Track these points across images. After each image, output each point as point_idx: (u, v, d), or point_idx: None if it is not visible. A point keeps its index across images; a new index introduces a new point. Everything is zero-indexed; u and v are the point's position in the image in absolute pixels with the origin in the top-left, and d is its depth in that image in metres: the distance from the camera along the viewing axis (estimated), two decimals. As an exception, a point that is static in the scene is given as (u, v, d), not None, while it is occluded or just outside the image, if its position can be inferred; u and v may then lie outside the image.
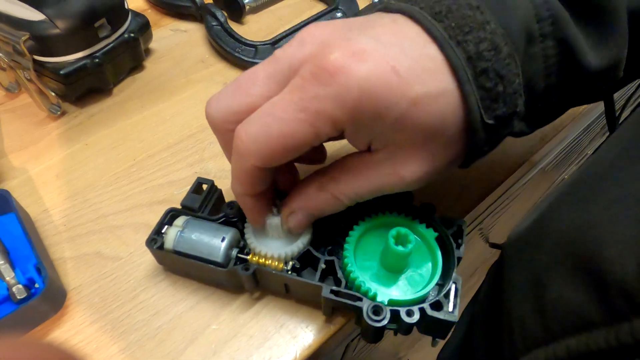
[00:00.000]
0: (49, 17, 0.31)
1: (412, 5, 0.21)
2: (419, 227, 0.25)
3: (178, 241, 0.25)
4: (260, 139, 0.20)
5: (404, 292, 0.24)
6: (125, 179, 0.32)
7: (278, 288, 0.26)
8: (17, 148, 0.33)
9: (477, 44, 0.19)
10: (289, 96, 0.19)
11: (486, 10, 0.20)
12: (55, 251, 0.28)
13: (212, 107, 0.22)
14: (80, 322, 0.26)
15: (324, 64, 0.18)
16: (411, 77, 0.19)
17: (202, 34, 0.43)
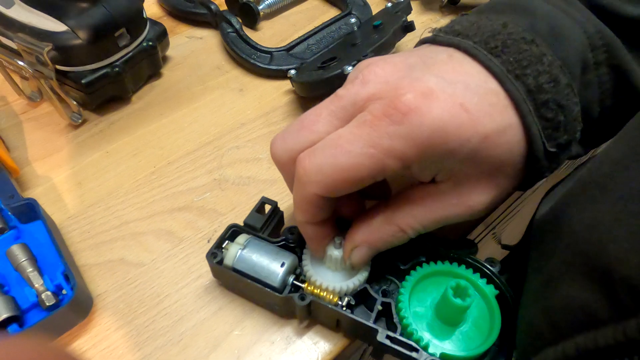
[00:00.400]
0: (71, 28, 0.32)
1: (464, 39, 0.22)
2: (480, 282, 0.25)
3: (238, 259, 0.25)
4: (324, 169, 0.20)
5: (457, 347, 0.23)
6: (146, 186, 0.32)
7: (329, 321, 0.25)
8: (41, 156, 0.34)
9: (537, 76, 0.20)
10: (357, 131, 0.20)
11: (541, 43, 0.21)
12: (80, 258, 0.29)
13: (278, 147, 0.23)
14: (106, 328, 0.26)
15: (396, 104, 0.19)
16: (480, 113, 0.19)
17: (217, 40, 0.43)
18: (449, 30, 0.23)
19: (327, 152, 0.20)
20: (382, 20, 0.40)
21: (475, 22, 0.23)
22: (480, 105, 0.20)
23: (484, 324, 0.24)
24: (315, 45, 0.42)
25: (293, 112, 0.38)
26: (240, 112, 0.37)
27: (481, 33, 0.22)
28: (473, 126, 0.19)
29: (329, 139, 0.21)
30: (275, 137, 0.23)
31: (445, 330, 0.24)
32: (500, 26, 0.22)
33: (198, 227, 0.30)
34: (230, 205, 0.32)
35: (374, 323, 0.24)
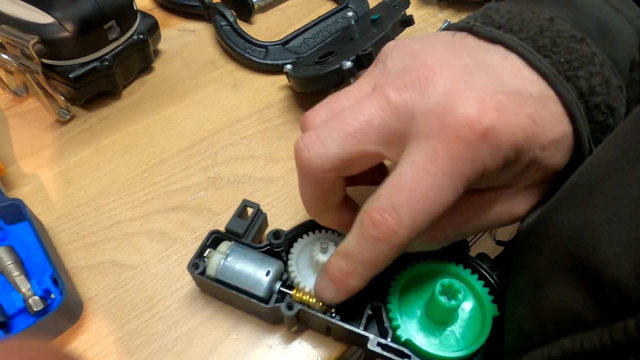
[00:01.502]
0: (58, 20, 0.31)
1: (507, 33, 0.20)
2: (471, 279, 0.24)
3: (221, 269, 0.24)
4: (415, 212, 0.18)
5: (448, 347, 0.22)
6: (138, 185, 0.31)
7: (319, 327, 0.25)
8: (27, 154, 0.32)
9: (589, 78, 0.19)
10: (431, 166, 0.18)
11: (592, 42, 0.20)
12: (70, 260, 0.28)
13: (314, 153, 0.20)
14: (97, 333, 0.25)
15: (472, 125, 0.18)
16: (544, 124, 0.19)
17: (210, 34, 0.42)
18: (488, 21, 0.22)
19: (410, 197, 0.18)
20: (380, 14, 0.39)
21: (517, 13, 0.22)
22: (543, 115, 0.19)
23: (476, 322, 0.23)
24: (311, 40, 0.41)
25: (289, 108, 0.37)
26: (234, 108, 0.36)
27: (527, 29, 0.20)
28: (537, 137, 0.19)
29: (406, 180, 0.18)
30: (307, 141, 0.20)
31: (436, 331, 0.23)
32: (546, 21, 0.21)
33: (192, 227, 0.29)
34: (226, 205, 0.31)
35: (365, 328, 0.23)
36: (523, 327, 0.19)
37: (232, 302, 0.26)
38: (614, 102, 0.20)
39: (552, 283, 0.17)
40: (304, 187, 0.22)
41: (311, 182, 0.21)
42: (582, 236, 0.16)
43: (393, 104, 0.19)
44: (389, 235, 0.19)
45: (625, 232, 0.15)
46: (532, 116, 0.18)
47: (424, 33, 0.44)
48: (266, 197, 0.31)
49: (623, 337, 0.13)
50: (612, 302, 0.14)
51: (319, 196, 0.22)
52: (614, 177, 0.17)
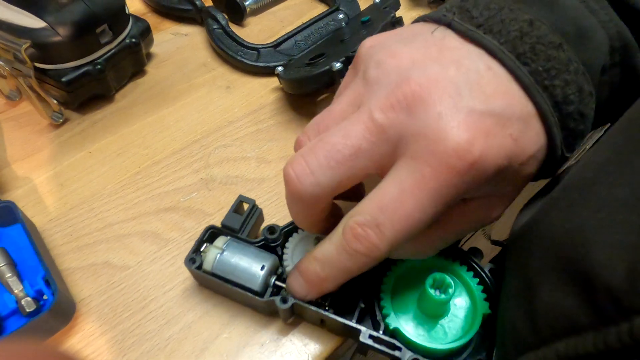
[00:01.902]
0: (50, 25, 0.31)
1: (487, 34, 0.20)
2: (463, 273, 0.24)
3: (217, 263, 0.24)
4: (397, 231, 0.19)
5: (436, 340, 0.23)
6: (131, 186, 0.32)
7: (313, 320, 0.25)
8: (20, 157, 0.33)
9: (564, 87, 0.20)
10: (416, 189, 0.18)
11: (568, 48, 0.20)
12: (63, 262, 0.28)
13: (304, 182, 0.20)
14: (90, 333, 0.25)
15: (460, 155, 0.18)
16: (524, 142, 0.19)
17: (202, 37, 0.42)
18: (466, 16, 0.21)
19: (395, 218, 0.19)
20: (371, 16, 0.39)
21: (496, 11, 0.21)
22: (525, 133, 0.19)
23: (466, 318, 0.24)
24: (303, 42, 0.41)
25: (281, 110, 0.37)
26: (227, 110, 0.37)
27: (507, 31, 0.20)
28: (518, 154, 0.19)
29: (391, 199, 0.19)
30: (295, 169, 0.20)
31: (427, 323, 0.24)
32: (526, 24, 0.20)
33: (185, 228, 0.30)
34: (218, 205, 0.31)
35: (358, 321, 0.23)
36: (517, 329, 0.19)
37: (229, 295, 0.26)
38: (585, 109, 0.20)
39: (545, 285, 0.17)
40: (294, 209, 0.22)
41: (301, 206, 0.21)
42: (574, 239, 0.16)
43: (380, 125, 0.19)
44: (370, 250, 0.19)
45: (617, 236, 0.15)
46: (513, 136, 0.19)
47: (415, 34, 0.45)
48: (259, 197, 0.31)
49: (617, 342, 0.13)
50: (605, 307, 0.14)
51: (308, 215, 0.22)
52: (605, 180, 0.17)
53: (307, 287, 0.22)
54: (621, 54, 0.22)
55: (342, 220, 0.20)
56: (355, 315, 0.24)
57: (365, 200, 0.20)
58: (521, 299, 0.19)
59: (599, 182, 0.17)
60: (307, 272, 0.22)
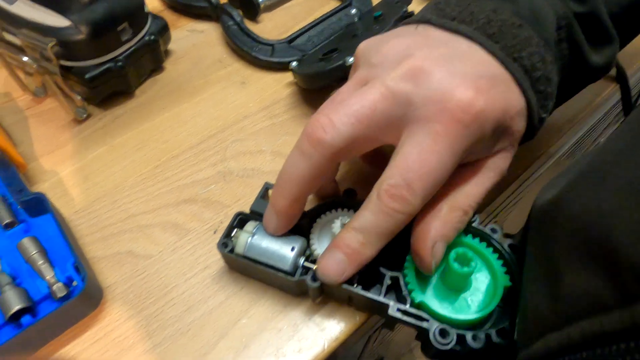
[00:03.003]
0: (74, 23, 0.32)
1: (461, 24, 0.24)
2: (483, 249, 0.25)
3: (249, 247, 0.25)
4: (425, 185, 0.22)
5: (460, 311, 0.24)
6: (151, 179, 0.33)
7: (342, 298, 0.26)
8: (47, 151, 0.34)
9: (530, 57, 0.24)
10: (434, 145, 0.21)
11: (528, 27, 0.25)
12: (89, 251, 0.29)
13: (329, 132, 0.22)
14: (116, 318, 0.27)
15: (463, 108, 0.21)
16: (511, 99, 0.23)
17: (218, 33, 0.43)
18: (442, 14, 0.25)
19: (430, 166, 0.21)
20: (383, 11, 0.40)
21: (465, 6, 0.25)
22: (508, 92, 0.23)
23: (488, 291, 0.25)
24: (316, 37, 0.42)
25: (295, 105, 0.38)
26: (242, 105, 0.38)
27: (476, 20, 0.25)
28: (508, 109, 0.23)
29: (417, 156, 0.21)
30: (319, 122, 0.23)
31: (450, 296, 0.25)
32: (491, 12, 0.25)
33: (204, 218, 0.31)
34: (235, 197, 0.32)
35: (385, 297, 0.24)
36: (539, 311, 0.20)
37: (259, 277, 0.27)
38: (550, 74, 0.25)
39: (570, 268, 0.18)
40: (304, 166, 0.23)
41: (317, 160, 0.23)
42: (596, 220, 0.17)
43: (392, 91, 0.22)
44: (405, 206, 0.22)
45: (636, 217, 0.15)
46: (503, 94, 0.23)
47: (427, 29, 0.45)
48: (274, 190, 0.32)
49: None
50: (630, 285, 0.15)
51: (313, 177, 0.23)
52: (625, 163, 0.18)
53: (346, 261, 0.23)
54: (566, 30, 0.26)
55: (374, 188, 0.23)
56: (382, 291, 0.25)
57: (391, 166, 0.22)
58: (546, 283, 0.20)
59: (619, 165, 0.18)
60: (347, 244, 0.23)
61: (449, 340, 0.23)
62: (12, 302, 0.25)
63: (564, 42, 0.27)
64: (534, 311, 0.20)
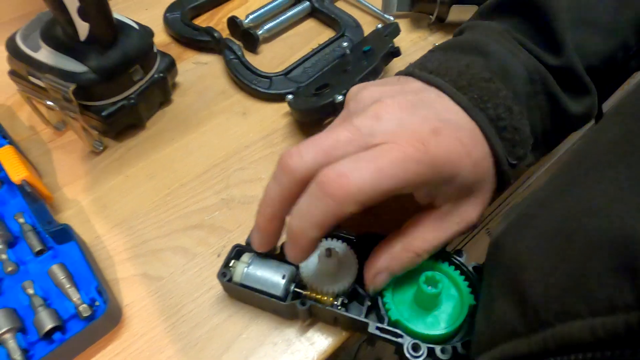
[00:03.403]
0: (91, 69, 0.36)
1: (437, 77, 0.27)
2: (449, 270, 0.29)
3: (245, 276, 0.29)
4: (368, 184, 0.22)
5: (431, 327, 0.27)
6: (162, 206, 0.37)
7: (328, 319, 0.30)
8: (69, 181, 0.38)
9: (495, 108, 0.26)
10: (390, 156, 0.22)
11: (497, 81, 0.27)
12: (109, 273, 0.33)
13: (296, 162, 0.24)
14: (134, 333, 0.31)
15: (419, 138, 0.23)
16: (470, 145, 0.25)
17: (221, 65, 0.47)
18: (423, 67, 0.29)
19: (369, 168, 0.22)
20: (372, 45, 0.43)
21: (444, 61, 0.28)
22: (469, 139, 0.25)
23: (455, 309, 0.28)
24: (311, 69, 0.45)
25: (292, 134, 0.41)
26: (243, 135, 0.41)
27: (450, 73, 0.27)
28: (468, 156, 0.24)
29: (364, 160, 0.22)
30: (290, 152, 0.24)
31: (422, 314, 0.28)
32: (464, 67, 0.28)
33: (209, 243, 0.35)
34: (237, 223, 0.36)
35: (365, 317, 0.28)
36: (480, 333, 0.24)
37: (255, 302, 0.31)
38: (517, 124, 0.27)
39: (499, 298, 0.22)
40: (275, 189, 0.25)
41: (285, 183, 0.25)
42: (517, 261, 0.21)
43: (355, 126, 0.24)
44: (337, 193, 0.22)
45: (541, 262, 0.19)
46: (460, 139, 0.24)
47: (414, 57, 0.47)
48: (271, 215, 0.36)
49: (538, 346, 0.18)
50: (532, 319, 0.18)
51: (284, 197, 0.25)
52: (546, 212, 0.21)
53: (291, 246, 0.25)
54: (541, 83, 0.29)
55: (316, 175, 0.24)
56: (363, 312, 0.28)
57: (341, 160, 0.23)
58: (485, 308, 0.23)
59: (542, 213, 0.21)
60: (289, 230, 0.25)
61: (420, 353, 0.26)
62: (45, 321, 0.29)
63: (540, 94, 0.29)
64: (477, 331, 0.24)
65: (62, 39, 0.36)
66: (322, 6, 0.51)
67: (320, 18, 0.52)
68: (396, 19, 0.52)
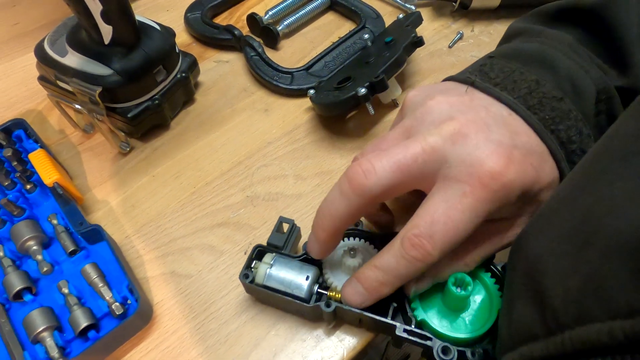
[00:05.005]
0: (116, 72, 0.37)
1: (503, 91, 0.26)
2: (480, 272, 0.28)
3: (268, 277, 0.28)
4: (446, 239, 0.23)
5: (458, 330, 0.26)
6: (189, 205, 0.37)
7: (353, 321, 0.29)
8: (98, 183, 0.39)
9: (567, 130, 0.25)
10: (459, 204, 0.23)
11: (568, 101, 0.26)
12: (139, 272, 0.34)
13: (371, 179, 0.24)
14: (165, 331, 0.31)
15: (492, 174, 0.23)
16: (542, 171, 0.25)
17: (242, 63, 0.47)
18: (485, 78, 0.27)
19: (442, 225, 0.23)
20: (393, 35, 0.42)
21: (509, 74, 0.27)
22: (541, 164, 0.25)
23: (484, 311, 0.27)
24: (332, 62, 0.45)
25: (314, 129, 0.41)
26: (266, 131, 0.41)
27: (519, 89, 0.26)
28: (538, 181, 0.24)
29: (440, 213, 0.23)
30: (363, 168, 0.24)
31: (450, 316, 0.27)
32: (533, 83, 0.26)
33: (235, 240, 0.35)
34: (262, 220, 0.36)
35: (392, 319, 0.27)
36: (502, 334, 0.23)
37: (278, 304, 0.31)
38: (586, 147, 0.26)
39: (519, 300, 0.21)
40: (342, 206, 0.25)
41: (355, 202, 0.24)
42: (535, 263, 0.20)
43: (432, 147, 0.24)
44: (425, 256, 0.23)
45: (560, 264, 0.18)
46: (534, 166, 0.24)
47: (438, 46, 0.47)
48: (297, 212, 0.36)
49: (556, 349, 0.17)
50: (550, 321, 0.18)
51: (350, 215, 0.25)
52: (564, 212, 0.20)
53: (366, 294, 0.26)
54: (606, 103, 0.27)
55: (399, 234, 0.25)
56: (389, 314, 0.28)
57: (418, 216, 0.24)
58: (506, 309, 0.23)
59: (560, 213, 0.21)
60: (368, 280, 0.26)
61: (450, 357, 0.25)
62: (81, 319, 0.29)
63: (602, 114, 0.28)
64: (500, 331, 0.23)
65: (87, 43, 0.37)
66: (341, -2, 0.50)
67: (340, 10, 0.51)
68: (417, 8, 0.51)
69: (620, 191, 0.17)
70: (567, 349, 0.16)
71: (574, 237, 0.18)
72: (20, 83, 0.46)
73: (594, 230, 0.18)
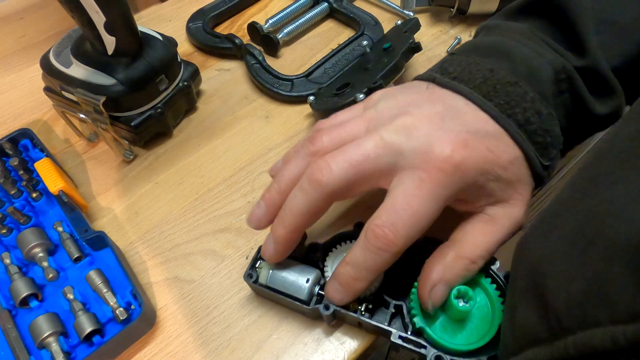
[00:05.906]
0: (119, 81, 0.37)
1: (461, 83, 0.27)
2: (483, 281, 0.27)
3: (270, 278, 0.29)
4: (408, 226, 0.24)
5: (458, 341, 0.26)
6: (191, 211, 0.38)
7: (352, 323, 0.30)
8: (103, 190, 0.40)
9: (524, 113, 0.26)
10: (422, 186, 0.24)
11: (523, 84, 0.27)
12: (142, 277, 0.34)
13: (326, 175, 0.25)
14: (168, 335, 0.32)
15: (447, 160, 0.24)
16: (499, 151, 0.25)
17: (243, 71, 0.48)
18: (445, 73, 0.29)
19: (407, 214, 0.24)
20: (392, 41, 0.43)
21: (466, 66, 0.28)
22: (498, 146, 0.25)
23: (485, 323, 0.27)
24: (331, 69, 0.45)
25: (314, 135, 0.42)
26: (267, 138, 0.42)
27: (474, 79, 0.27)
28: (497, 161, 0.25)
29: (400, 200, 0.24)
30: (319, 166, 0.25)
31: (450, 326, 0.27)
32: (488, 72, 0.27)
33: (237, 246, 0.35)
34: (264, 225, 0.36)
35: (389, 324, 0.28)
36: (505, 338, 0.23)
37: (281, 303, 0.31)
38: (547, 126, 0.27)
39: (521, 303, 0.21)
40: (302, 201, 0.26)
41: (313, 197, 0.26)
42: (537, 266, 0.20)
43: (385, 142, 0.25)
44: (389, 246, 0.24)
45: (563, 267, 0.18)
46: (489, 148, 0.25)
47: (436, 52, 0.48)
48: (297, 216, 0.36)
49: (560, 353, 0.17)
50: (554, 325, 0.18)
51: (309, 212, 0.26)
52: (566, 216, 0.21)
53: (342, 291, 0.27)
54: (567, 82, 0.28)
55: (364, 226, 0.25)
56: (387, 319, 0.28)
57: (380, 208, 0.25)
58: (509, 313, 0.23)
59: (561, 217, 0.21)
60: (342, 276, 0.26)
61: None
62: (85, 325, 0.30)
63: (565, 93, 0.28)
64: (503, 337, 0.24)
65: (91, 54, 0.38)
66: (340, 6, 0.51)
67: (339, 18, 0.52)
68: (415, 14, 0.51)
69: (622, 193, 0.18)
70: (570, 353, 0.16)
71: (576, 240, 0.19)
72: (27, 94, 0.47)
73: (596, 232, 0.18)
